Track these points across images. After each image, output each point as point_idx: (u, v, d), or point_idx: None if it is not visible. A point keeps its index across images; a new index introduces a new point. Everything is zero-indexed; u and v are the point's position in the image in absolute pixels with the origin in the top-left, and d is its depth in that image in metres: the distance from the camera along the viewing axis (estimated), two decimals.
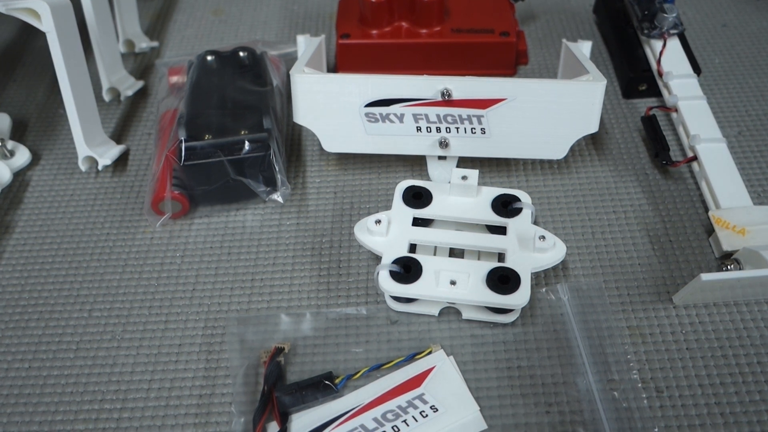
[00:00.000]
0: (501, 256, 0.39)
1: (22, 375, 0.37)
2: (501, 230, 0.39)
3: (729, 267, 0.38)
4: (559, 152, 0.42)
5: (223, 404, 0.35)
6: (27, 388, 0.36)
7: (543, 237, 0.37)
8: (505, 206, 0.40)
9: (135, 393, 0.36)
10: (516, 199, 0.40)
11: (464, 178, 0.40)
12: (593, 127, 0.42)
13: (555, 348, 0.36)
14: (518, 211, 0.40)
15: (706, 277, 0.35)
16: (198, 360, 0.37)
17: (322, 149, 0.44)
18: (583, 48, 0.49)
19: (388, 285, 0.36)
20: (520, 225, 0.39)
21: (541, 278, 0.40)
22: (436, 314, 0.38)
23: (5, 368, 0.37)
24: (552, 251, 0.37)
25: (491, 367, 0.36)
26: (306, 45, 0.50)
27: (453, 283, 0.36)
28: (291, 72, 0.41)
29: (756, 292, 0.38)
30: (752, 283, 0.37)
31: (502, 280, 0.36)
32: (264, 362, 0.35)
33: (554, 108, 0.41)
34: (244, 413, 0.34)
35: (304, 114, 0.42)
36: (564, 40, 0.50)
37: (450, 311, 0.38)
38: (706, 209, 0.42)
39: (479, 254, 0.40)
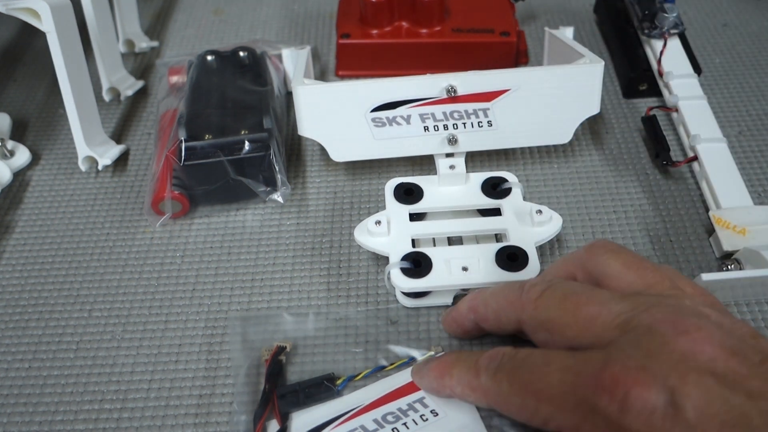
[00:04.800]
0: (498, 237, 0.40)
1: (22, 375, 0.37)
2: (493, 213, 0.40)
3: (729, 267, 0.38)
4: (564, 137, 0.43)
5: (223, 404, 0.35)
6: (27, 388, 0.36)
7: (540, 211, 0.38)
8: (495, 188, 0.41)
9: (135, 393, 0.36)
10: (503, 180, 0.41)
11: (452, 167, 0.41)
12: (595, 108, 0.42)
13: None
14: (508, 191, 0.41)
15: (706, 277, 0.35)
16: (198, 360, 0.37)
17: (322, 149, 0.44)
18: (566, 34, 0.50)
19: (402, 282, 0.36)
20: (514, 203, 0.40)
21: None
22: (450, 303, 0.38)
23: (5, 368, 0.37)
24: (550, 223, 0.38)
25: None
26: (296, 57, 0.50)
27: (465, 269, 0.36)
28: (292, 85, 0.41)
29: (756, 292, 0.38)
30: (753, 283, 0.37)
31: (511, 257, 0.37)
32: (266, 360, 0.36)
33: (557, 93, 0.41)
34: (245, 411, 0.34)
35: (309, 126, 0.42)
36: (547, 29, 0.51)
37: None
38: (707, 209, 0.42)
39: (477, 239, 0.40)
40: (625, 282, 0.28)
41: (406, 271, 0.36)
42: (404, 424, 0.33)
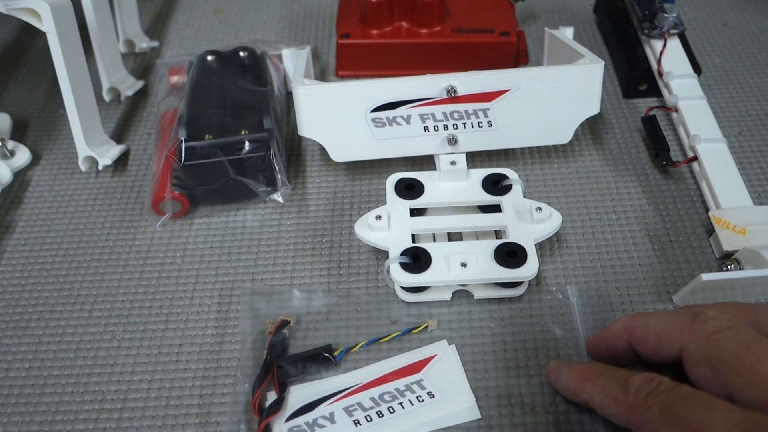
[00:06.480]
0: (497, 234, 0.40)
1: (22, 375, 0.37)
2: (493, 209, 0.40)
3: (729, 267, 0.38)
4: (564, 137, 0.43)
5: (223, 404, 0.35)
6: (27, 388, 0.36)
7: (539, 208, 0.38)
8: (495, 185, 0.41)
9: (135, 393, 0.36)
10: (504, 176, 0.41)
11: (453, 163, 0.41)
12: (595, 109, 0.43)
13: (555, 348, 0.36)
14: (509, 188, 0.41)
15: (706, 277, 0.35)
16: (198, 360, 0.37)
17: (322, 149, 0.44)
18: (566, 34, 0.50)
19: (401, 277, 0.36)
20: (514, 200, 0.40)
21: (542, 279, 0.40)
22: (449, 298, 0.38)
23: (5, 368, 0.37)
24: (549, 221, 0.39)
25: (491, 365, 0.36)
26: (296, 57, 0.50)
27: (464, 265, 0.37)
28: (292, 85, 0.41)
29: (756, 292, 0.38)
30: (752, 283, 0.37)
31: (510, 254, 0.37)
32: (269, 332, 0.36)
33: (557, 93, 0.42)
34: (248, 381, 0.35)
35: (309, 126, 0.42)
36: (546, 29, 0.51)
37: (455, 295, 0.38)
38: (707, 209, 0.42)
39: (476, 235, 0.40)
40: None
41: (405, 266, 0.37)
42: (400, 404, 0.34)
